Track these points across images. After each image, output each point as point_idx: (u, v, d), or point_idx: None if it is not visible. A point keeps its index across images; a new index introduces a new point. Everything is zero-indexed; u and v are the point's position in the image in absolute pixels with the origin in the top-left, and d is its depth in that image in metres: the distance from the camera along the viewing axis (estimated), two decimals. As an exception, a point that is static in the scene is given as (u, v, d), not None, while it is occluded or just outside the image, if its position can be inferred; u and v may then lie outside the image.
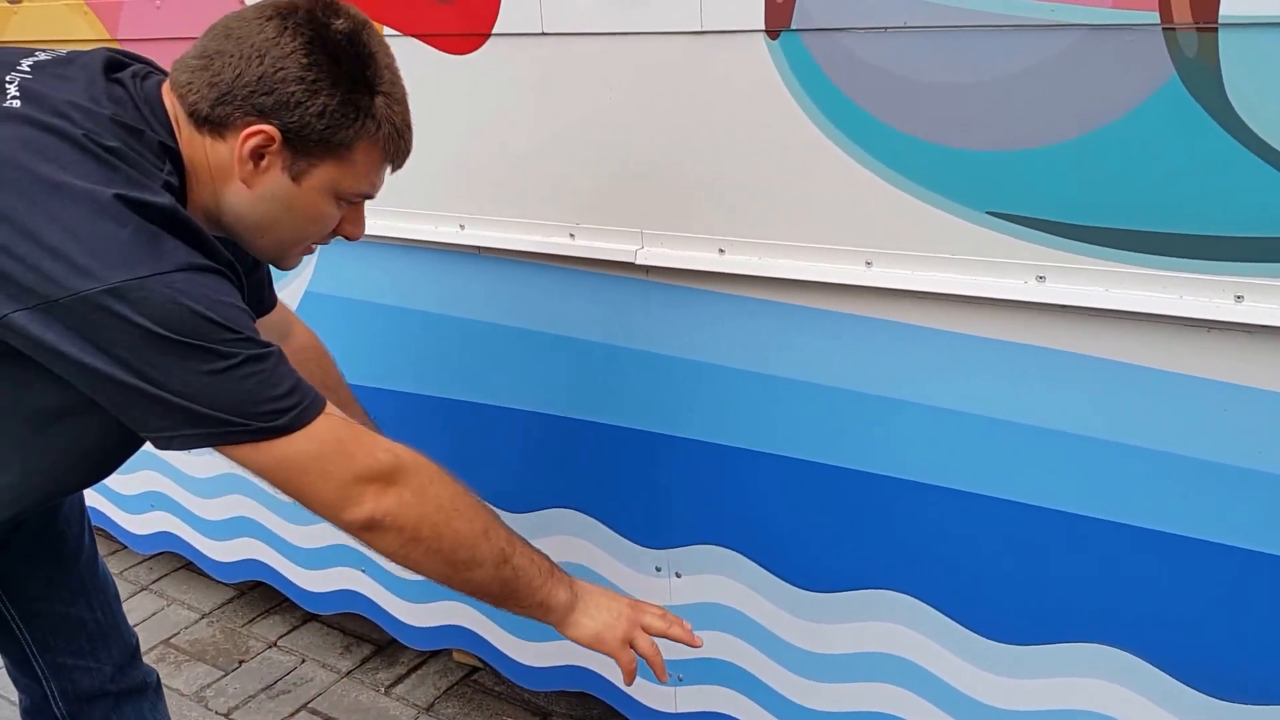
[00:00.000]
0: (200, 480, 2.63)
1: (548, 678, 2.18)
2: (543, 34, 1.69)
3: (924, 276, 1.47)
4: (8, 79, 1.21)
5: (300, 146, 1.24)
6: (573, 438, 1.95)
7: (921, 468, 1.59)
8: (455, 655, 2.49)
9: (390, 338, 2.09)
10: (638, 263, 1.70)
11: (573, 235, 1.78)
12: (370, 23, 1.27)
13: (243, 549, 2.63)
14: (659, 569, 1.94)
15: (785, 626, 1.82)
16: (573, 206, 1.77)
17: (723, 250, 1.63)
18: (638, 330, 1.78)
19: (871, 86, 1.42)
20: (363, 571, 2.39)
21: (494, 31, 1.74)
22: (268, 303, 1.65)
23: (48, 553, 1.63)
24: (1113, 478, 1.43)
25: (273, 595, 2.72)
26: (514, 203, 1.84)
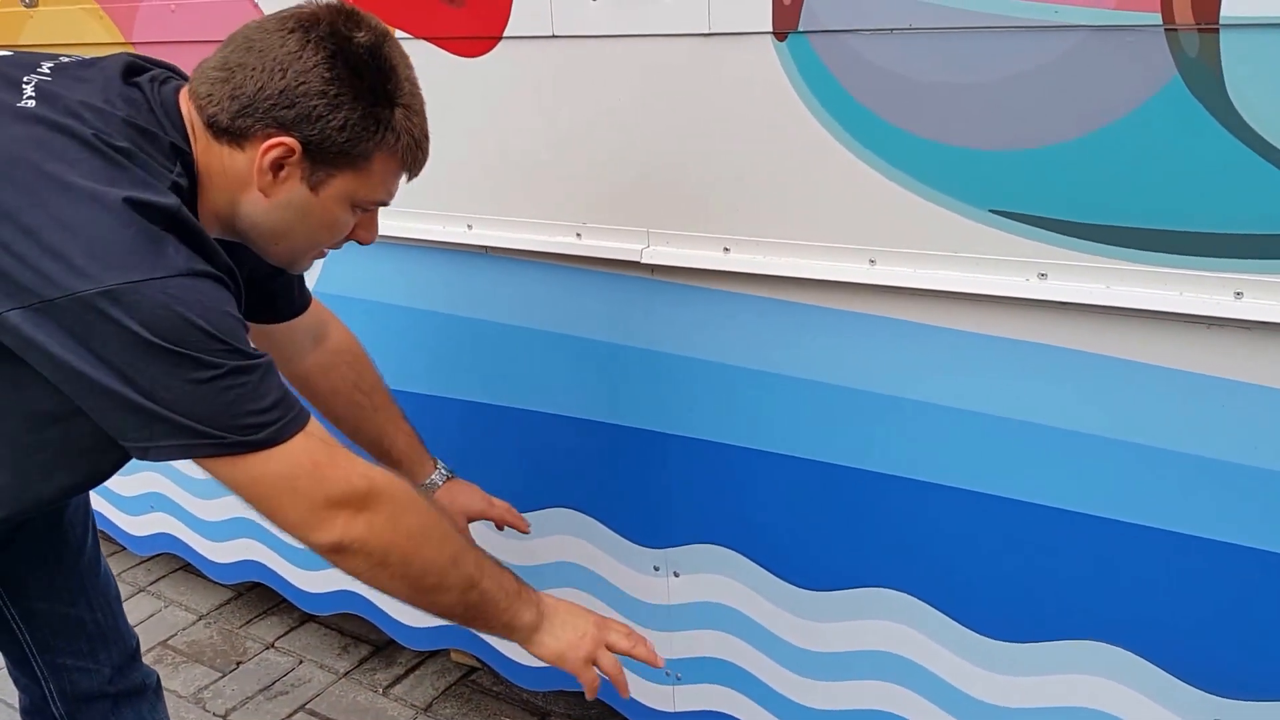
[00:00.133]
0: (200, 481, 2.63)
1: (546, 677, 2.18)
2: (553, 36, 1.71)
3: (926, 274, 1.48)
4: (25, 79, 1.22)
5: (320, 158, 1.24)
6: (574, 437, 1.96)
7: (922, 465, 1.60)
8: (453, 655, 2.49)
9: (396, 337, 2.10)
10: (643, 261, 1.72)
11: (579, 235, 1.79)
12: (391, 34, 1.27)
13: (241, 550, 2.63)
14: (657, 568, 1.95)
15: (784, 625, 1.82)
16: (580, 206, 1.79)
17: (728, 249, 1.64)
18: (641, 329, 1.80)
19: (877, 87, 1.44)
20: (362, 572, 2.39)
21: (505, 35, 1.76)
22: (298, 303, 1.65)
23: (50, 553, 1.63)
24: (1113, 475, 1.44)
25: (270, 596, 2.72)
26: (521, 203, 1.85)
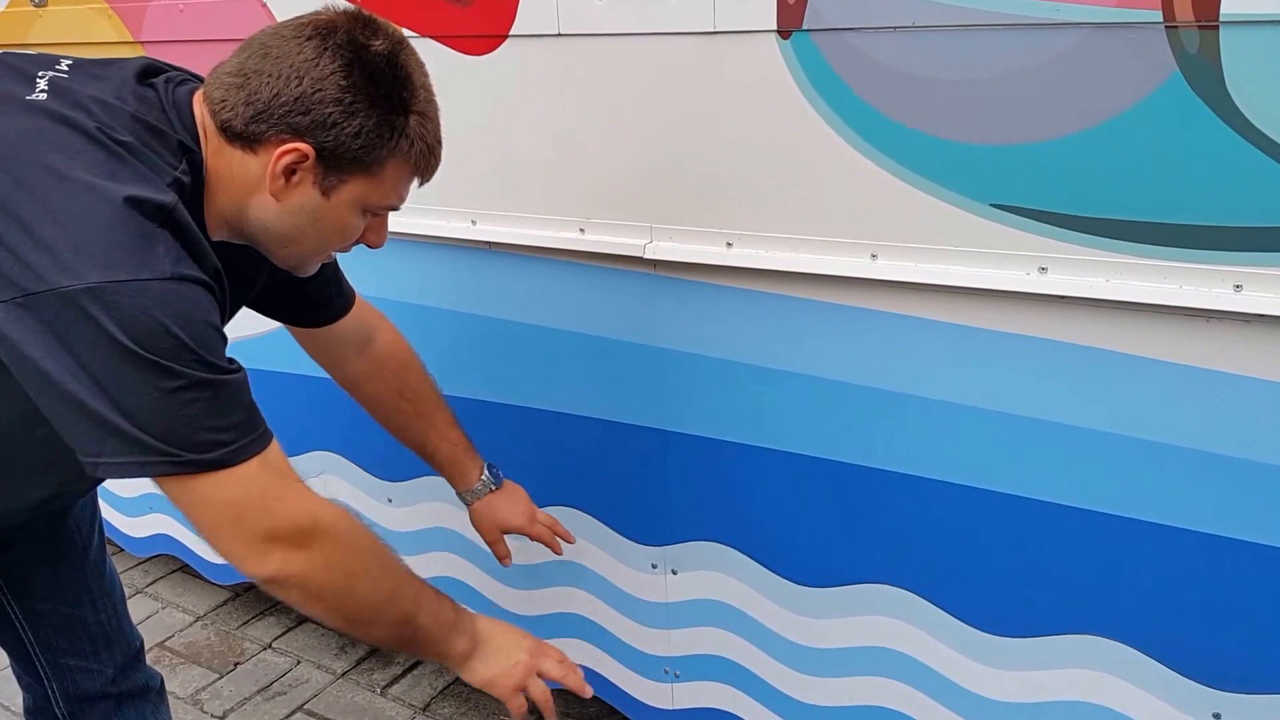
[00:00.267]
0: (200, 482, 2.62)
1: (544, 677, 2.18)
2: (559, 35, 1.72)
3: (928, 269, 1.49)
4: (40, 74, 1.22)
5: (333, 163, 1.23)
6: (573, 434, 1.96)
7: (921, 461, 1.60)
8: (452, 657, 2.48)
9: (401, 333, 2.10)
10: (646, 256, 1.73)
11: (582, 230, 1.80)
12: (407, 41, 1.27)
13: (240, 550, 2.62)
14: (655, 566, 1.95)
15: (782, 622, 1.82)
16: (583, 202, 1.80)
17: (730, 244, 1.66)
18: (644, 324, 1.80)
19: (880, 84, 1.46)
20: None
21: (511, 33, 1.78)
22: (336, 308, 1.64)
23: (55, 553, 1.63)
24: (1112, 469, 1.45)
25: (267, 597, 2.64)
26: (525, 199, 1.86)
